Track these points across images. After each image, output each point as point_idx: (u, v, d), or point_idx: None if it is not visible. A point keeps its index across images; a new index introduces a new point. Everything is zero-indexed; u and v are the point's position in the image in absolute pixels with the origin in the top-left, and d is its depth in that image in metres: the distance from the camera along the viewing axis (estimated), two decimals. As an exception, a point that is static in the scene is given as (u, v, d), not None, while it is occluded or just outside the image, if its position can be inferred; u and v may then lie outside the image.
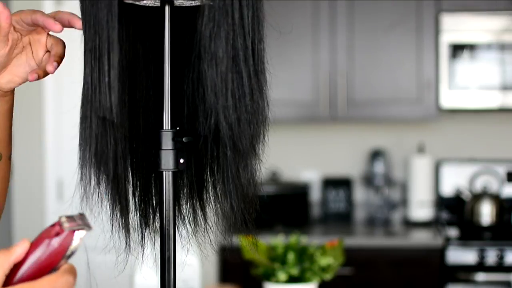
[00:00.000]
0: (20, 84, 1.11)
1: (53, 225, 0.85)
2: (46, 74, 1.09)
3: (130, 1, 1.01)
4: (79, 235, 0.84)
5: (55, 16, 1.07)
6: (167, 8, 1.04)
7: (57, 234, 0.84)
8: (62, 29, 1.04)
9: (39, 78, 1.07)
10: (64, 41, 1.10)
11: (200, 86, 1.02)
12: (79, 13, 1.01)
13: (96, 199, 1.00)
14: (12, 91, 1.13)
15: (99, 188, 1.00)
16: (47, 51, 1.09)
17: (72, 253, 0.85)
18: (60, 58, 1.08)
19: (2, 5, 1.02)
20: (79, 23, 1.02)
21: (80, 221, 0.85)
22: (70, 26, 1.07)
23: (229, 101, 0.97)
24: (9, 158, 1.17)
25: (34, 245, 0.84)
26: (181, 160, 1.04)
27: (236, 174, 1.01)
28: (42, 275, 0.83)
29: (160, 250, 1.04)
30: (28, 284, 0.82)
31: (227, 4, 0.97)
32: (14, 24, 1.06)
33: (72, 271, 0.85)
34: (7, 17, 1.03)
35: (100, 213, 1.02)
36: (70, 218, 0.85)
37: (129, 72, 1.02)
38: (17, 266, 0.83)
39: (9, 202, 3.73)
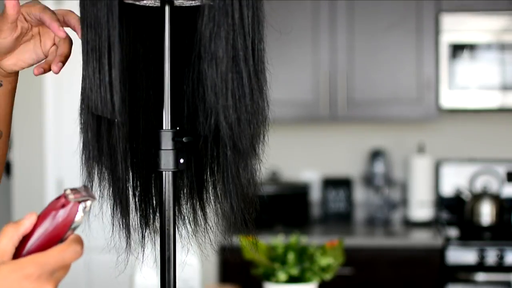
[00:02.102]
0: (23, 68, 1.13)
1: (58, 198, 0.88)
2: (50, 69, 1.10)
3: (130, 1, 1.01)
4: (84, 206, 0.87)
5: (64, 17, 1.07)
6: (167, 8, 1.04)
7: (63, 206, 0.86)
8: (66, 35, 1.05)
9: (44, 72, 1.08)
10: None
11: (200, 86, 1.02)
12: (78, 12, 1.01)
13: (98, 199, 1.01)
14: (16, 73, 1.14)
15: (100, 188, 1.00)
16: (54, 44, 1.10)
17: (78, 224, 0.87)
18: (65, 58, 1.09)
19: None
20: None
21: (85, 192, 0.88)
22: (74, 30, 1.08)
23: (229, 101, 0.97)
24: (8, 137, 1.18)
25: (41, 218, 0.87)
26: (181, 160, 1.04)
27: (236, 174, 1.02)
28: (50, 246, 0.86)
29: (160, 250, 1.05)
30: (38, 255, 0.84)
31: (227, 4, 0.97)
32: (24, 15, 1.06)
33: (79, 241, 0.87)
34: (14, 5, 1.04)
35: (100, 213, 1.02)
36: (75, 190, 0.88)
37: (130, 72, 1.02)
38: (25, 238, 0.86)
39: (9, 202, 3.73)
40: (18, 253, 0.85)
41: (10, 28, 1.05)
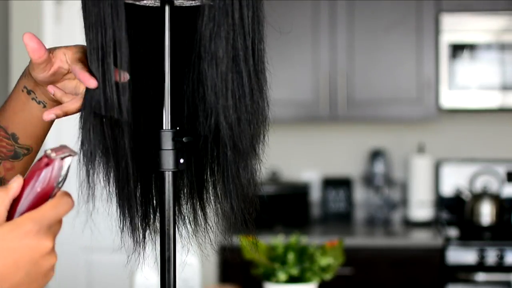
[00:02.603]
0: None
1: (40, 159, 0.90)
2: (65, 114, 1.07)
3: (130, 1, 1.01)
4: (67, 162, 0.89)
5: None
6: (167, 8, 1.04)
7: (47, 164, 0.88)
8: (97, 85, 0.99)
9: (56, 117, 1.06)
10: None
11: (200, 86, 1.02)
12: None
13: (105, 199, 1.01)
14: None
15: (108, 188, 1.00)
16: None
17: (63, 180, 0.89)
18: (63, 113, 1.06)
19: (30, 38, 1.00)
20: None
21: (65, 149, 0.90)
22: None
23: (229, 101, 0.97)
24: (36, 155, 1.17)
25: (27, 180, 0.88)
26: (181, 160, 1.04)
27: (236, 174, 1.02)
28: (40, 205, 0.88)
29: (160, 250, 1.05)
30: (33, 212, 0.86)
31: (227, 4, 0.97)
32: (62, 57, 1.04)
33: (68, 194, 0.89)
34: (33, 50, 0.99)
35: (102, 213, 1.02)
36: (55, 148, 0.90)
37: (130, 72, 1.02)
38: (15, 201, 0.88)
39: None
40: (9, 216, 0.87)
41: (39, 68, 1.03)
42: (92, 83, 0.95)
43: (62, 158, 0.89)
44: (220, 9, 0.96)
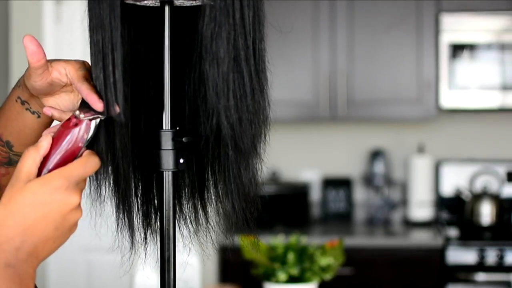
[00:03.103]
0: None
1: (68, 119, 0.94)
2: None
3: (131, 1, 1.01)
4: (94, 123, 0.95)
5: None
6: (166, 8, 1.04)
7: (76, 125, 0.94)
8: (103, 109, 0.98)
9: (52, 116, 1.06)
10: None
11: (201, 86, 1.02)
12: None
13: (102, 199, 1.01)
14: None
15: (105, 188, 1.01)
16: None
17: (90, 140, 0.94)
18: (59, 116, 1.04)
19: (30, 40, 0.99)
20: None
21: (93, 111, 0.95)
22: None
23: (231, 101, 0.97)
24: None
25: (56, 139, 0.93)
26: (181, 160, 1.04)
27: (238, 173, 1.02)
28: (67, 163, 0.92)
29: (160, 250, 1.05)
30: (63, 169, 0.90)
31: (228, 4, 0.97)
32: (62, 71, 1.03)
33: (94, 154, 0.94)
34: (32, 53, 0.98)
35: (103, 213, 1.02)
36: (83, 110, 0.95)
37: (131, 73, 1.02)
38: (43, 159, 0.92)
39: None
40: (38, 173, 0.91)
41: (36, 74, 1.01)
42: (99, 106, 0.96)
43: (90, 120, 0.94)
44: (221, 9, 0.96)
